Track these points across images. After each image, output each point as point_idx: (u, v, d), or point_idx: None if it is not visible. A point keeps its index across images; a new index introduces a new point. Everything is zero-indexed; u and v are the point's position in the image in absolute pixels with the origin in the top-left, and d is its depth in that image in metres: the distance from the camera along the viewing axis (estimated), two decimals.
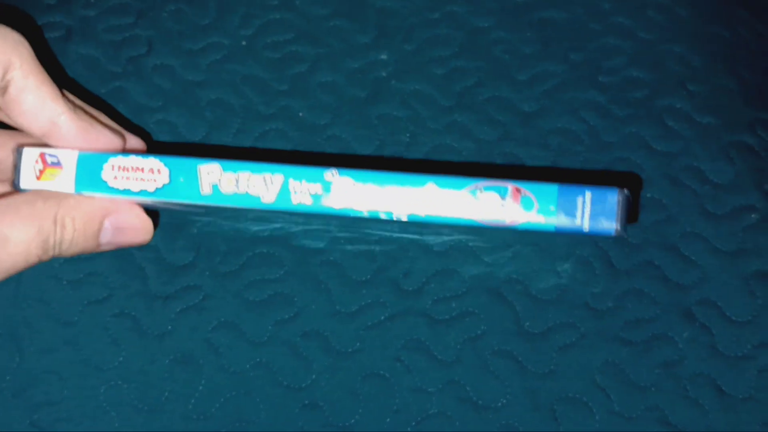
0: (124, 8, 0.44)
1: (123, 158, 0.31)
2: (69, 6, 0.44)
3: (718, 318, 0.38)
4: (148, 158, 0.31)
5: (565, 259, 0.39)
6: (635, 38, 0.43)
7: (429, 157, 0.41)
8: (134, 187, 0.31)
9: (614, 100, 0.41)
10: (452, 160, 0.41)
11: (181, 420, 0.37)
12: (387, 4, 0.44)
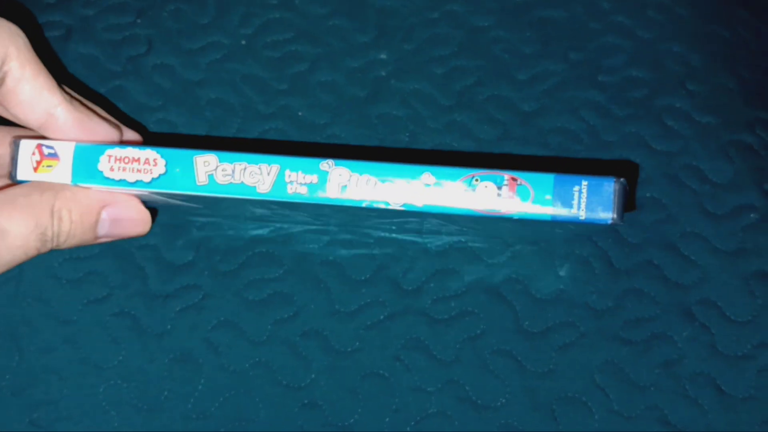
0: (124, 7, 0.44)
1: (120, 149, 0.31)
2: (68, 5, 0.44)
3: (718, 317, 0.38)
4: (145, 150, 0.31)
5: (564, 259, 0.39)
6: (635, 38, 0.43)
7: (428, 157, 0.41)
8: (130, 178, 0.31)
9: (614, 99, 0.41)
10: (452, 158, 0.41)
11: (180, 419, 0.37)
12: (387, 4, 0.44)
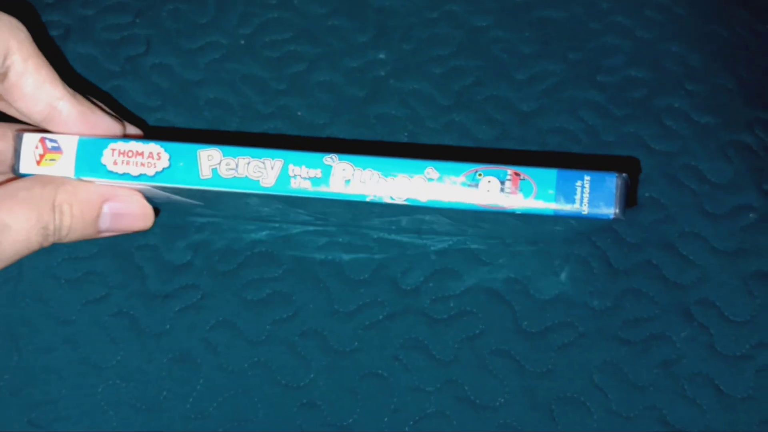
0: (123, 7, 0.44)
1: (123, 143, 0.31)
2: (67, 5, 0.44)
3: (717, 317, 0.38)
4: (149, 143, 0.31)
5: (563, 259, 0.39)
6: (634, 38, 0.43)
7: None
8: (134, 172, 0.31)
9: (613, 99, 0.41)
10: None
11: (179, 419, 0.37)
12: (386, 3, 0.44)
